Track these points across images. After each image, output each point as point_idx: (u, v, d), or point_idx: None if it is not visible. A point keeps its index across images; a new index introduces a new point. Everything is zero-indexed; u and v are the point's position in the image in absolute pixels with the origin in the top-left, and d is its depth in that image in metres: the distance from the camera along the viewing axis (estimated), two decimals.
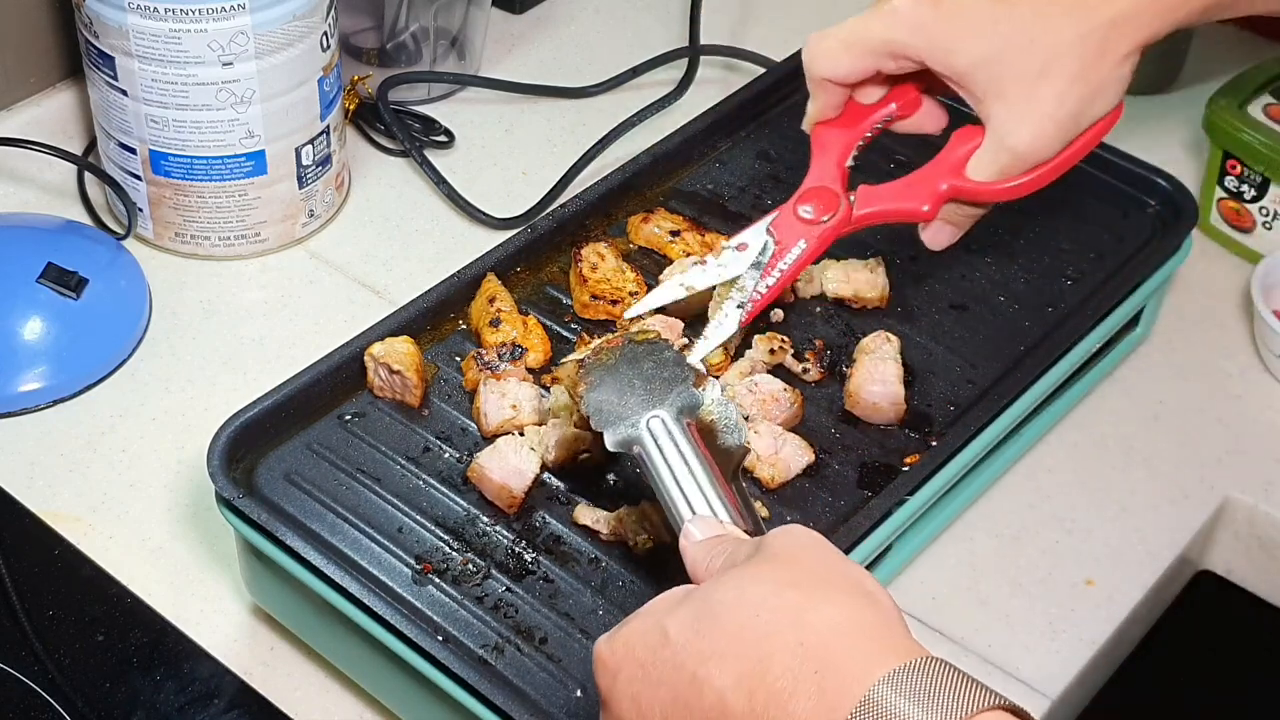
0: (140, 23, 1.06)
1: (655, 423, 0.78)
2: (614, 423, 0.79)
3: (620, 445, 0.78)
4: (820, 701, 0.59)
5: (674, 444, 0.77)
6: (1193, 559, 1.05)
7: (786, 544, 0.66)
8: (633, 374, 0.81)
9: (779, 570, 0.64)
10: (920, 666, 0.59)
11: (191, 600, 0.96)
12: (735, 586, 0.64)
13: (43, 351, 1.07)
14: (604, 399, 0.80)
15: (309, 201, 1.18)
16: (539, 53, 1.39)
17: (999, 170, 0.87)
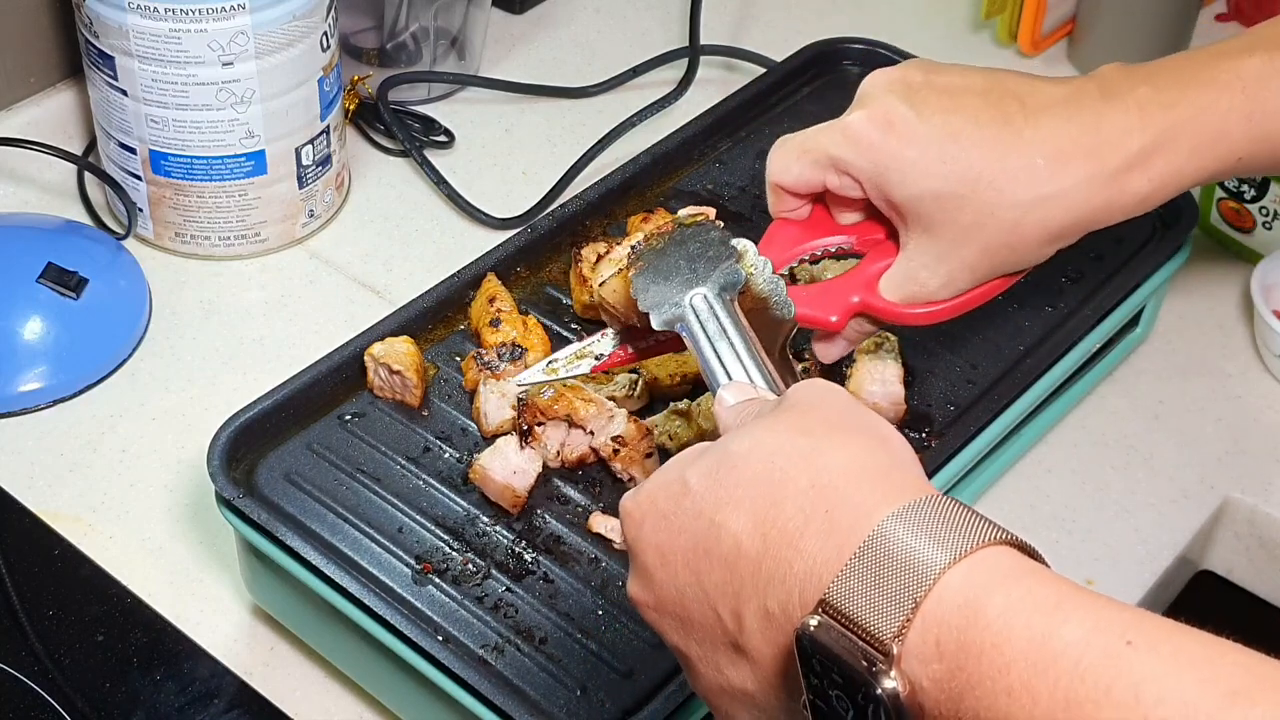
0: (140, 23, 1.06)
1: (698, 299, 0.79)
2: (659, 303, 0.80)
3: (666, 324, 0.79)
4: (829, 538, 0.60)
5: (715, 318, 0.78)
6: (1193, 559, 1.05)
7: (805, 395, 0.67)
8: (679, 255, 0.81)
9: (795, 418, 0.65)
10: (926, 502, 0.59)
11: (191, 600, 0.96)
12: (751, 436, 0.65)
13: (43, 351, 1.07)
14: (651, 281, 0.81)
15: (309, 201, 1.18)
16: (539, 53, 1.39)
17: (905, 296, 0.87)
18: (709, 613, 0.63)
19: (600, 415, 0.91)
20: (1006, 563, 0.58)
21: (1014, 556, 0.59)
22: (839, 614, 0.57)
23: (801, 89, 1.21)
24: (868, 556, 0.58)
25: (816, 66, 1.22)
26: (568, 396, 0.91)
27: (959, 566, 0.57)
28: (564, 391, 0.91)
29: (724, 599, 0.62)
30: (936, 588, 0.56)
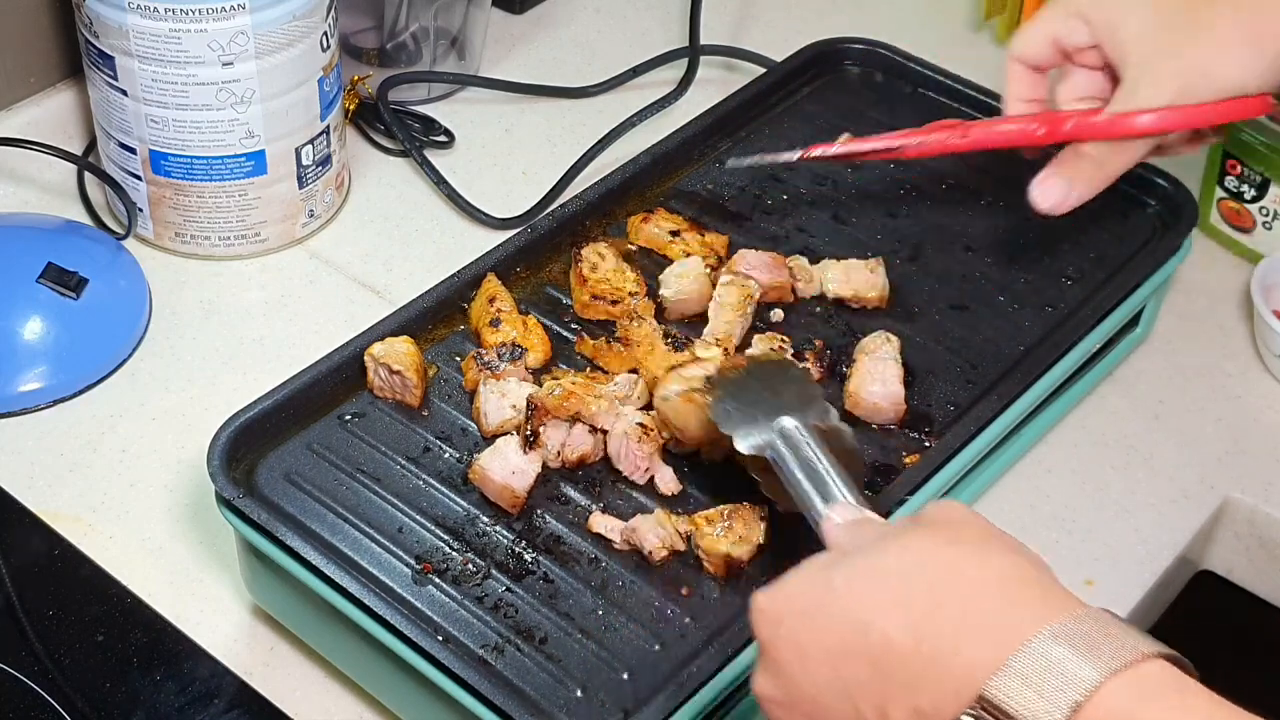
0: (140, 23, 1.06)
1: (787, 426, 0.82)
2: (743, 428, 0.83)
3: (753, 449, 0.83)
4: (988, 641, 0.62)
5: (806, 445, 0.82)
6: (1193, 559, 1.05)
7: (945, 513, 0.70)
8: (760, 386, 0.86)
9: (942, 531, 0.68)
10: (1086, 615, 0.63)
11: (191, 600, 0.96)
12: (900, 544, 0.68)
13: (43, 351, 1.07)
14: (734, 408, 0.85)
15: (309, 201, 1.18)
16: (539, 53, 1.39)
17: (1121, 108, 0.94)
18: (848, 709, 0.65)
19: (609, 412, 0.91)
20: (1163, 677, 0.61)
21: (1169, 670, 0.62)
22: (999, 711, 0.60)
23: (801, 89, 1.21)
24: (1028, 661, 0.61)
25: (816, 66, 1.22)
26: (577, 394, 0.91)
27: (1117, 678, 0.60)
28: (573, 390, 0.91)
29: (867, 696, 0.65)
30: (1096, 695, 0.59)
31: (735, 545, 0.86)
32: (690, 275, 1.02)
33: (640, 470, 0.92)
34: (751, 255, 1.04)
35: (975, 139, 0.99)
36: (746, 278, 1.02)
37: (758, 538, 0.87)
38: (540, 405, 0.91)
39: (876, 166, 1.15)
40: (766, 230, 1.10)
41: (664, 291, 1.02)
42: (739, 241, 1.08)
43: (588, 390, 0.91)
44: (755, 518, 0.87)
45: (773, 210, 1.11)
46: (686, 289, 1.02)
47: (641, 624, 0.85)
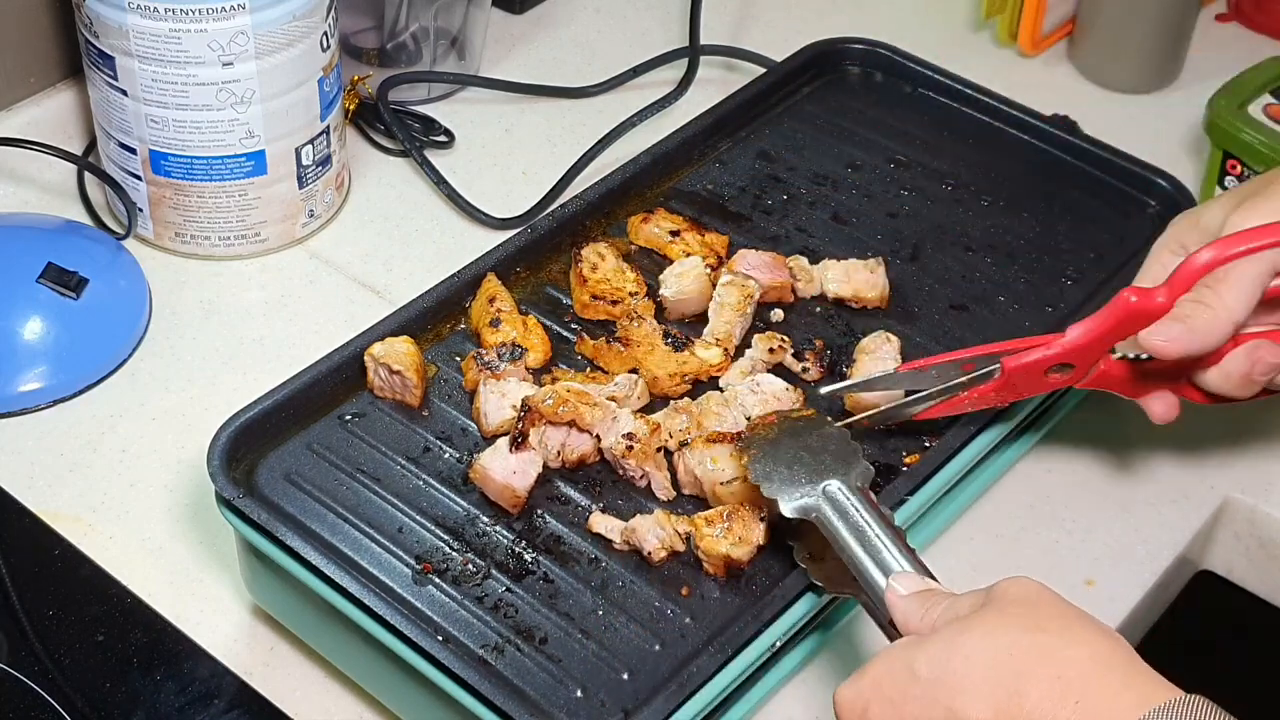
0: (140, 23, 1.06)
1: (832, 489, 0.83)
2: (787, 490, 0.83)
3: (798, 511, 0.83)
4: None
5: (855, 509, 0.82)
6: (1193, 559, 1.05)
7: (1021, 591, 0.71)
8: (798, 446, 0.86)
9: (1022, 615, 0.69)
10: (1182, 703, 0.64)
11: (191, 600, 0.96)
12: (981, 630, 0.69)
13: (43, 351, 1.07)
14: (771, 469, 0.85)
15: (309, 201, 1.18)
16: (539, 53, 1.39)
17: None
18: None
19: (605, 419, 0.91)
20: None
21: None
22: None
23: (801, 89, 1.21)
24: None
25: (816, 66, 1.22)
26: (572, 403, 0.91)
27: None
28: (568, 397, 0.91)
29: None
30: None
31: (735, 546, 0.86)
32: (690, 275, 1.02)
33: (637, 478, 0.92)
34: (751, 255, 1.04)
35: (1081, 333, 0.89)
36: (746, 278, 1.02)
37: (757, 538, 0.87)
38: (534, 410, 0.91)
39: (877, 166, 1.15)
40: (766, 230, 1.10)
41: (664, 291, 1.02)
42: (739, 241, 1.08)
43: (582, 399, 0.91)
44: (754, 519, 0.87)
45: (773, 210, 1.11)
46: (686, 289, 1.02)
47: (641, 624, 0.85)
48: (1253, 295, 0.84)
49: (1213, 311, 0.84)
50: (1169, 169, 1.12)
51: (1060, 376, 0.90)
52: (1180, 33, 1.36)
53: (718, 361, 0.98)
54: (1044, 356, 0.89)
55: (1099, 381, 0.92)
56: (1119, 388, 0.93)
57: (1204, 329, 0.84)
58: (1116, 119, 1.30)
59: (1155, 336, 0.85)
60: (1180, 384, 0.91)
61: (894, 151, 1.16)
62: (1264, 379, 0.87)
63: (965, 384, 0.91)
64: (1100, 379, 0.92)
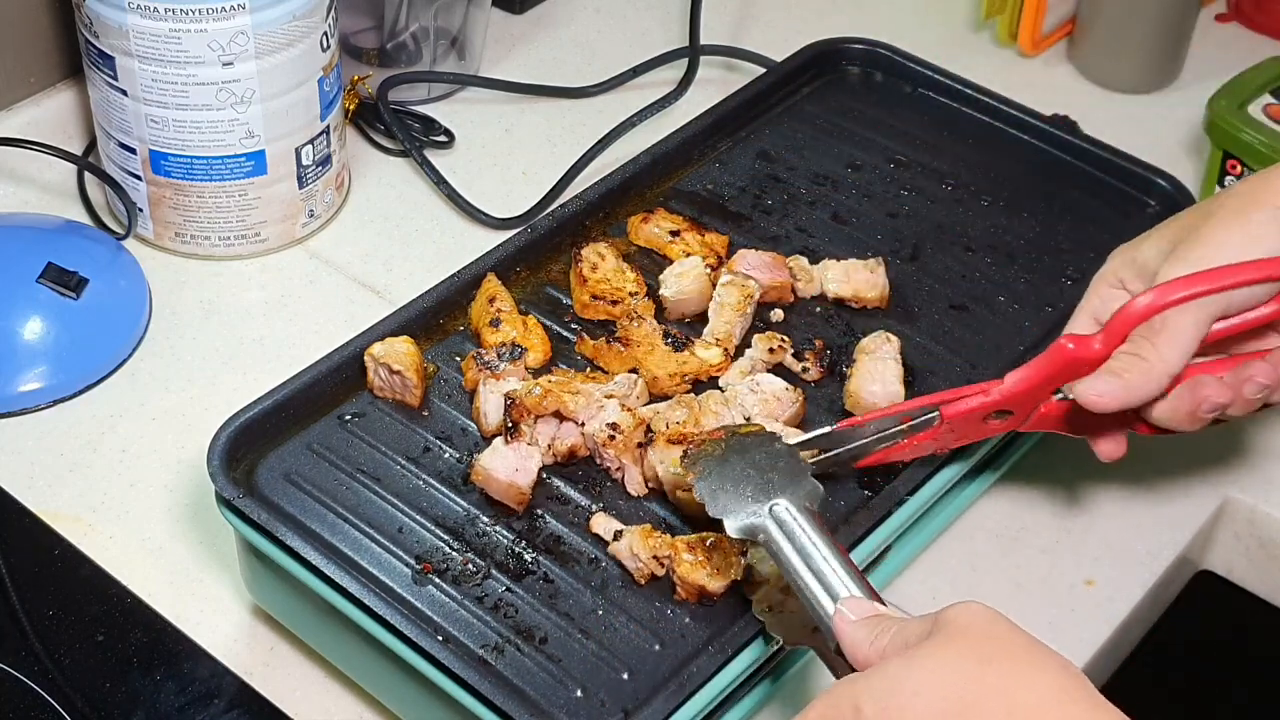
0: (140, 23, 1.06)
1: (780, 510, 0.81)
2: (733, 511, 0.81)
3: (743, 532, 0.81)
4: None
5: (802, 530, 0.79)
6: (1193, 559, 1.05)
7: (969, 619, 0.68)
8: (744, 464, 0.83)
9: (974, 647, 0.66)
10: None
11: (191, 600, 0.96)
12: (929, 665, 0.66)
13: (43, 351, 1.07)
14: (718, 487, 0.82)
15: (309, 201, 1.18)
16: (539, 53, 1.39)
17: None
18: None
19: (590, 405, 0.92)
20: None
21: None
22: None
23: (801, 89, 1.21)
24: None
25: (816, 66, 1.22)
26: (555, 392, 0.91)
27: None
28: (551, 388, 0.91)
29: None
30: None
31: (711, 578, 0.85)
32: (690, 275, 1.02)
33: (614, 469, 0.92)
34: (751, 255, 1.04)
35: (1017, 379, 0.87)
36: (746, 278, 1.02)
37: (735, 573, 0.85)
38: (519, 402, 0.91)
39: (877, 166, 1.15)
40: (766, 230, 1.10)
41: (664, 291, 1.02)
42: (739, 241, 1.08)
43: (565, 388, 0.91)
44: (735, 551, 0.86)
45: (773, 210, 1.11)
46: (686, 289, 1.02)
47: (641, 624, 0.85)
48: (1190, 346, 0.83)
49: (1148, 365, 0.83)
50: (1169, 169, 1.12)
51: (1000, 423, 0.89)
52: (1180, 33, 1.36)
53: (718, 361, 0.98)
54: (981, 404, 0.87)
55: (1042, 424, 0.90)
56: (1063, 428, 0.90)
57: (1138, 384, 0.83)
58: (1116, 119, 1.30)
59: (1089, 391, 0.84)
60: (1126, 421, 0.89)
61: (894, 151, 1.16)
62: (1209, 415, 0.85)
63: (905, 431, 0.89)
64: (1043, 421, 0.90)
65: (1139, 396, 0.84)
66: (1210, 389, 0.85)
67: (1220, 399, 0.84)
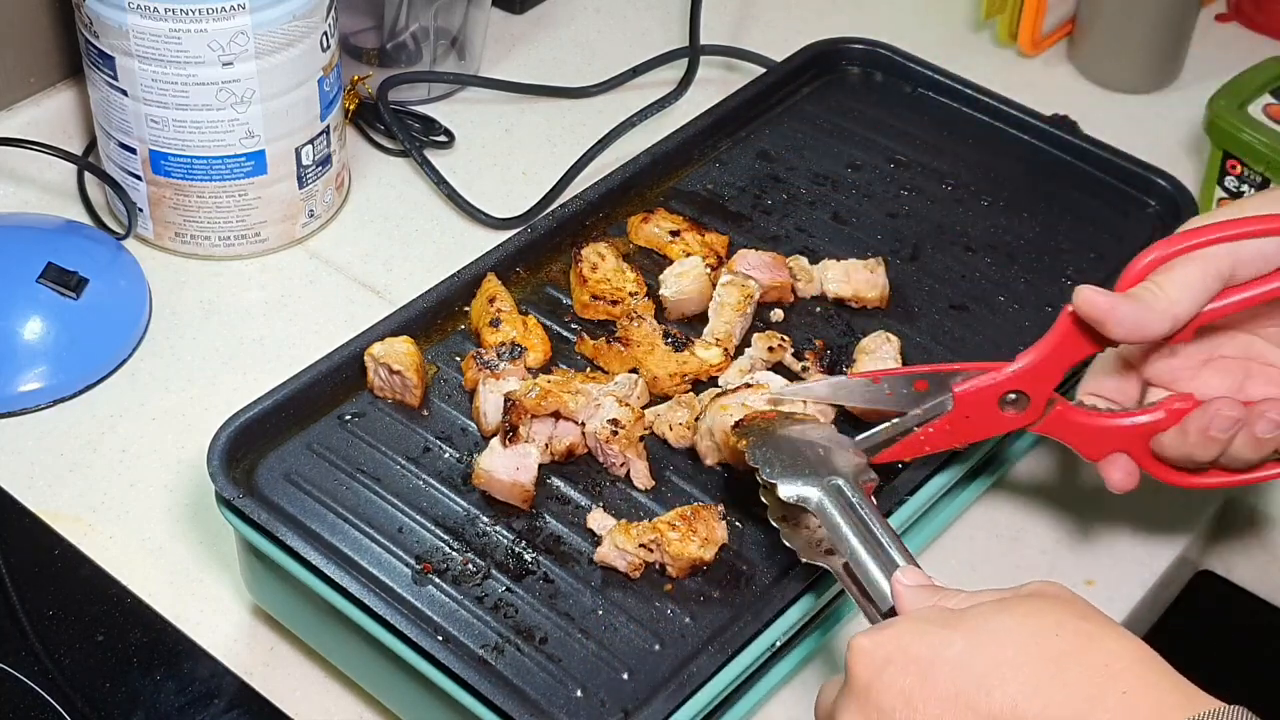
0: (140, 23, 1.06)
1: (837, 483, 0.82)
2: (789, 477, 0.83)
3: (798, 499, 0.82)
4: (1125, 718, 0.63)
5: (858, 506, 0.81)
6: (1193, 559, 1.05)
7: (1059, 590, 0.71)
8: (799, 439, 0.85)
9: (1065, 605, 0.69)
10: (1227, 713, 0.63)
11: (191, 600, 0.96)
12: (1022, 611, 0.68)
13: (43, 351, 1.07)
14: (774, 455, 0.84)
15: (309, 201, 1.18)
16: (539, 53, 1.39)
17: None
18: None
19: (588, 405, 0.92)
20: None
21: None
22: None
23: (801, 89, 1.21)
24: None
25: (816, 66, 1.22)
26: (555, 393, 0.91)
27: None
28: (550, 388, 0.91)
29: None
30: None
31: (702, 547, 0.86)
32: (690, 275, 1.02)
33: (616, 465, 0.92)
34: (751, 255, 1.04)
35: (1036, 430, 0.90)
36: (746, 278, 1.02)
37: (721, 537, 0.87)
38: (519, 404, 0.91)
39: (877, 166, 1.15)
40: (766, 230, 1.10)
41: (664, 291, 1.02)
42: (739, 241, 1.08)
43: (564, 387, 0.92)
44: (715, 517, 0.87)
45: (773, 210, 1.11)
46: (686, 289, 1.02)
47: (641, 624, 0.85)
48: (1197, 293, 0.83)
49: (1153, 296, 0.83)
50: (1169, 169, 1.12)
51: (1015, 413, 0.89)
52: (1180, 33, 1.36)
53: (718, 361, 0.98)
54: (995, 383, 0.87)
55: (1055, 428, 0.89)
56: (1076, 440, 0.90)
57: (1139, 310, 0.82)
58: (1116, 119, 1.30)
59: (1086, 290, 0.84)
60: (1138, 449, 0.89)
61: (894, 151, 1.16)
62: (1223, 435, 0.85)
63: (920, 419, 0.89)
64: (1057, 424, 0.89)
65: (1136, 321, 0.83)
66: (1223, 404, 0.85)
67: (1233, 413, 0.85)
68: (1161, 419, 0.87)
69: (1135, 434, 0.88)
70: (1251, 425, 0.85)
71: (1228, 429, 0.85)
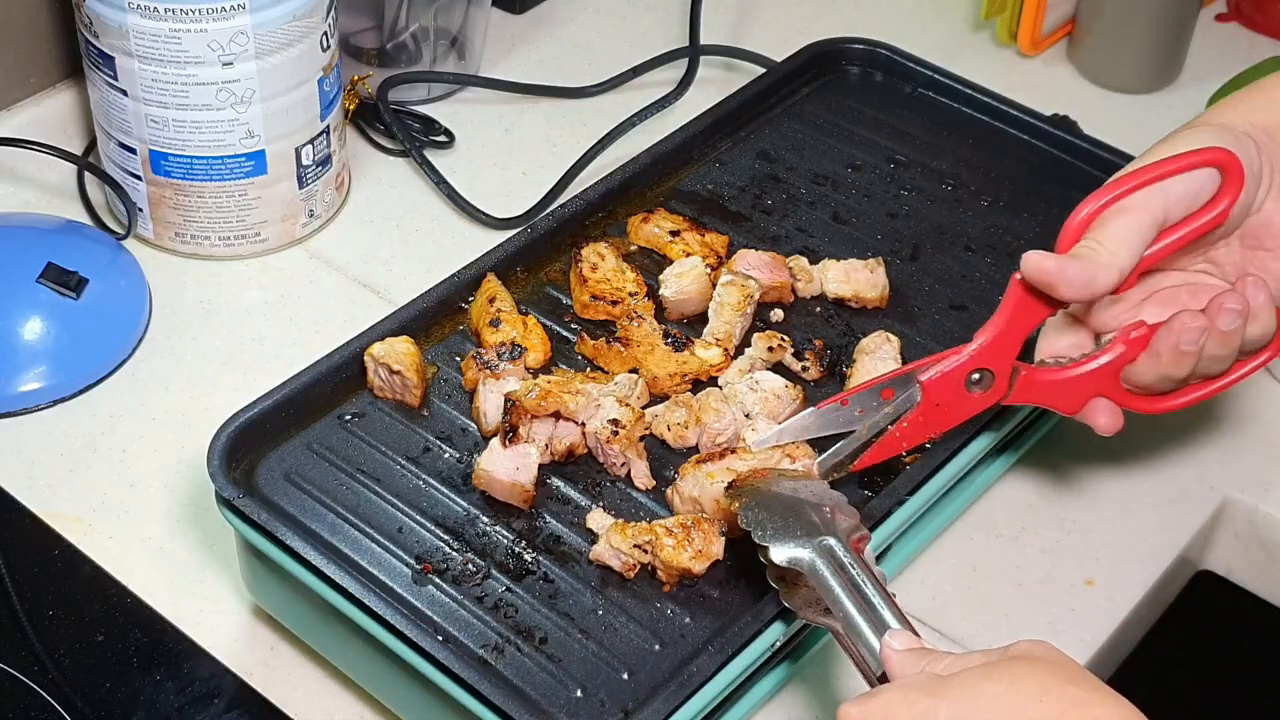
0: (140, 23, 1.06)
1: (827, 544, 0.81)
2: (780, 539, 0.82)
3: (790, 562, 0.81)
4: None
5: (849, 567, 0.80)
6: (1193, 559, 1.05)
7: (1045, 651, 0.70)
8: (792, 499, 0.84)
9: (1051, 669, 0.68)
10: None
11: (191, 600, 0.96)
12: (1007, 677, 0.68)
13: (43, 351, 1.07)
14: (764, 517, 0.83)
15: (309, 201, 1.18)
16: (539, 53, 1.39)
17: None
18: None
19: (588, 405, 0.92)
20: None
21: None
22: None
23: (801, 89, 1.21)
24: None
25: (816, 66, 1.22)
26: (555, 394, 0.91)
27: None
28: (550, 388, 0.91)
29: None
30: None
31: (694, 560, 0.85)
32: (690, 275, 1.02)
33: (617, 465, 0.92)
34: (751, 255, 1.04)
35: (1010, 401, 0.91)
36: (746, 278, 1.02)
37: (716, 552, 0.86)
38: (519, 404, 0.91)
39: (877, 166, 1.15)
40: (766, 230, 1.10)
41: (664, 291, 1.02)
42: (739, 241, 1.08)
43: (564, 388, 0.92)
44: (714, 532, 0.86)
45: (773, 210, 1.11)
46: (686, 289, 1.02)
47: (641, 624, 0.85)
48: (1136, 241, 0.85)
49: (1096, 252, 0.84)
50: None
51: (983, 392, 0.89)
52: (1180, 33, 1.36)
53: (718, 361, 0.98)
54: (959, 365, 0.88)
55: (1027, 394, 0.90)
56: (1051, 400, 0.90)
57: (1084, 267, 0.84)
58: (1116, 119, 1.30)
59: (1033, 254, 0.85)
60: (1111, 388, 0.90)
61: (894, 151, 1.16)
62: (1193, 347, 0.86)
63: (891, 415, 0.89)
64: (1027, 389, 0.90)
65: (1084, 280, 0.84)
66: (1185, 319, 0.86)
67: (1197, 323, 0.86)
68: (1124, 352, 0.88)
69: (1105, 375, 0.89)
70: (1214, 324, 0.86)
71: (1196, 339, 0.86)
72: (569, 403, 0.91)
